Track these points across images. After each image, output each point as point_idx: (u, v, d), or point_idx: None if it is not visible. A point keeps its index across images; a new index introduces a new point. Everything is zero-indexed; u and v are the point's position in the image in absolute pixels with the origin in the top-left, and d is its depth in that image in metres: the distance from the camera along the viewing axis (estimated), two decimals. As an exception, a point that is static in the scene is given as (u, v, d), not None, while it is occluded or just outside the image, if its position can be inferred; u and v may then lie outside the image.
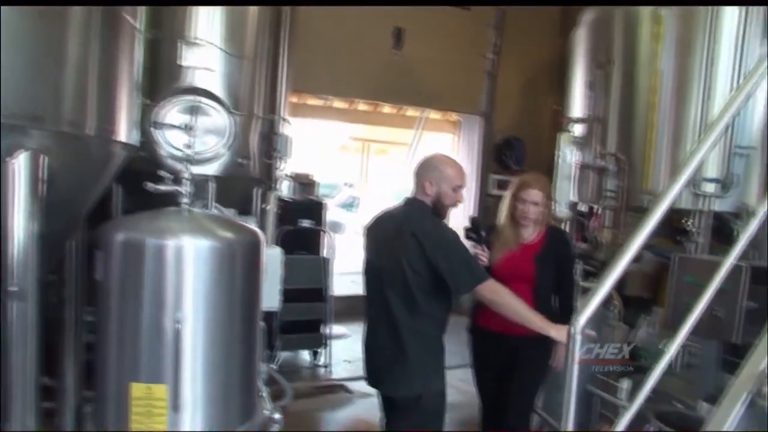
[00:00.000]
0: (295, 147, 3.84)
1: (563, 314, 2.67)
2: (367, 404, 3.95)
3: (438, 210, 2.29)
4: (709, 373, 2.37)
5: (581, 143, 3.75)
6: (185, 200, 1.88)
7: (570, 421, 1.41)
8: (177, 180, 1.87)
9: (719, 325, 2.24)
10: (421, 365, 2.22)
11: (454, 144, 9.77)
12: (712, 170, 3.00)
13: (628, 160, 3.31)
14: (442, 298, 2.24)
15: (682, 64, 3.13)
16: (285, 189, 4.69)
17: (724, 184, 2.97)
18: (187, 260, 1.72)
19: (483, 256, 2.46)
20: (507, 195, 2.72)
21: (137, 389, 1.65)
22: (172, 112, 2.88)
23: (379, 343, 2.32)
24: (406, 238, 2.16)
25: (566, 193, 3.77)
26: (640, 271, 3.63)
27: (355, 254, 8.45)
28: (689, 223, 3.17)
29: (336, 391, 4.13)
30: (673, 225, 3.60)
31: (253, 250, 1.89)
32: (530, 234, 2.69)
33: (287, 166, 4.07)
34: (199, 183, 2.42)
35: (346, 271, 7.67)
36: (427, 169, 2.30)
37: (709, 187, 2.99)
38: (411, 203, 2.32)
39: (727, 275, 2.29)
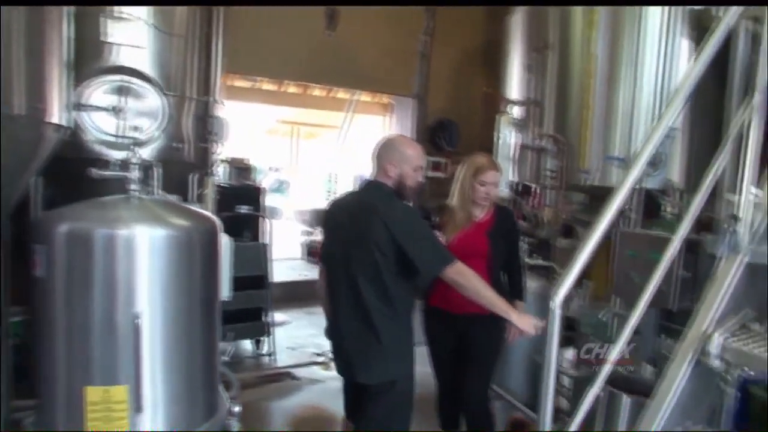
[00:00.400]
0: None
1: (513, 287, 2.76)
2: (316, 390, 3.92)
3: (401, 192, 2.27)
4: (649, 338, 2.54)
5: (520, 125, 3.86)
6: (134, 187, 1.73)
7: (548, 418, 1.45)
8: (124, 165, 1.72)
9: (658, 294, 2.39)
10: (394, 350, 2.21)
11: (385, 127, 9.81)
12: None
13: (566, 140, 3.44)
14: (409, 280, 2.24)
15: (613, 49, 3.28)
16: (221, 174, 4.49)
17: (653, 163, 3.16)
18: (141, 251, 1.60)
19: (440, 237, 2.48)
20: (462, 177, 2.73)
21: (93, 393, 1.52)
22: (97, 93, 2.65)
23: (349, 331, 2.28)
24: (373, 222, 2.12)
25: (506, 173, 3.87)
26: (572, 246, 3.82)
27: (290, 240, 8.34)
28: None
29: (282, 379, 4.05)
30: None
31: (210, 239, 1.78)
32: (481, 212, 2.74)
33: (223, 151, 3.89)
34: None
35: (282, 257, 7.55)
36: (388, 151, 2.27)
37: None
38: (373, 186, 2.29)
39: (663, 247, 2.46)
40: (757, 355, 1.58)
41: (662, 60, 3.20)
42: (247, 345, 4.65)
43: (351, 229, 2.22)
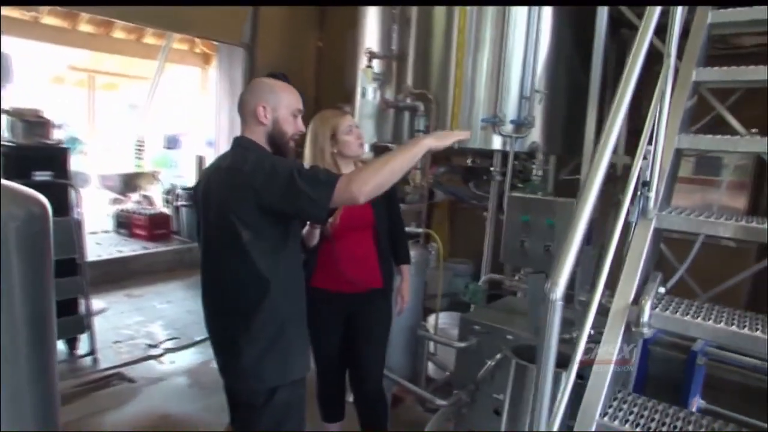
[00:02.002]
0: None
1: (399, 252, 2.52)
2: (158, 392, 3.28)
3: (278, 145, 1.81)
4: (538, 305, 2.53)
5: (382, 80, 3.58)
6: None
7: (544, 415, 1.24)
8: None
9: (551, 259, 2.37)
10: (272, 349, 1.76)
11: (205, 80, 8.78)
12: (511, 113, 3.16)
13: (436, 99, 3.28)
14: (290, 259, 1.82)
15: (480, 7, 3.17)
16: (4, 129, 3.42)
17: (521, 125, 3.16)
18: None
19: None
20: (315, 140, 2.34)
21: None
22: None
23: (218, 326, 1.82)
24: (236, 188, 1.67)
25: (368, 132, 3.58)
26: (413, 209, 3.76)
27: (94, 209, 7.03)
28: (491, 162, 3.34)
29: (112, 383, 3.31)
30: (464, 165, 3.79)
31: (41, 226, 1.17)
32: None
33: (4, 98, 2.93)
34: None
35: (91, 230, 6.34)
36: (258, 92, 1.77)
37: (509, 129, 3.15)
38: (239, 144, 1.80)
39: (558, 211, 2.44)
40: (698, 323, 1.58)
41: (531, 21, 3.17)
42: (59, 346, 3.73)
43: (213, 202, 1.74)
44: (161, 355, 3.78)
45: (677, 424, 1.54)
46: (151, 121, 9.50)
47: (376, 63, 3.58)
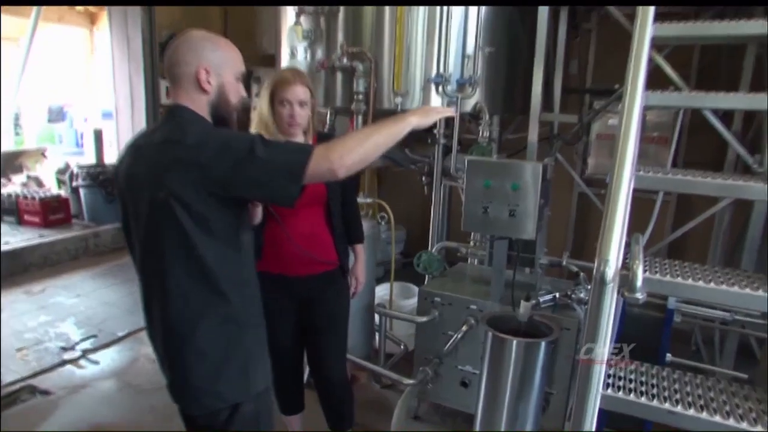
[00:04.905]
0: None
1: (353, 230, 2.32)
2: (82, 401, 2.88)
3: (224, 114, 1.50)
4: (502, 272, 2.45)
5: (311, 39, 3.27)
6: None
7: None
8: None
9: (515, 223, 2.28)
10: (230, 359, 1.48)
11: (91, 42, 7.83)
12: (456, 74, 3.01)
13: (375, 59, 3.04)
14: (243, 251, 1.54)
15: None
16: None
17: (466, 85, 3.01)
18: None
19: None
20: (259, 100, 2.07)
21: None
22: None
23: (161, 333, 1.49)
24: (173, 165, 1.35)
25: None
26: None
27: None
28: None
29: (23, 398, 2.81)
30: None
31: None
32: None
33: None
34: None
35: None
36: (199, 50, 1.43)
37: (453, 89, 3.00)
38: (175, 114, 1.45)
39: (524, 174, 2.33)
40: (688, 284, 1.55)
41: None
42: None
43: (143, 187, 1.41)
44: (79, 358, 3.34)
45: (654, 382, 1.55)
46: (28, 91, 8.36)
47: (303, 20, 3.25)
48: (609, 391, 1.49)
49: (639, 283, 1.62)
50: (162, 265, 1.42)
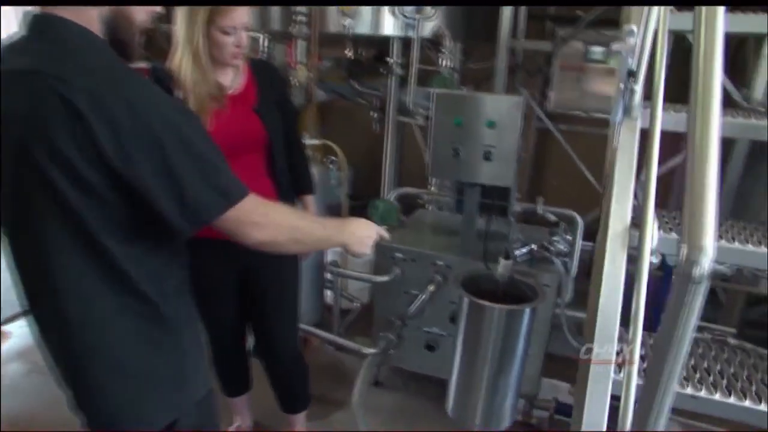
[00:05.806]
0: None
1: (299, 177, 1.93)
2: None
3: (120, 39, 1.03)
4: (473, 222, 2.15)
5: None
6: None
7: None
8: None
9: (490, 167, 1.97)
10: (157, 373, 1.12)
11: None
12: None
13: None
14: (161, 235, 1.12)
15: None
16: None
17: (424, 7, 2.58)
18: None
19: None
20: (187, 26, 1.58)
21: None
22: None
23: (64, 350, 1.10)
24: (53, 116, 0.90)
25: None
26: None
27: None
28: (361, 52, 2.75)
29: None
30: (345, 57, 3.15)
31: None
32: (234, 78, 1.71)
33: None
34: None
35: None
36: None
37: (412, 10, 2.57)
38: (46, 27, 0.97)
39: (500, 109, 1.99)
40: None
41: None
42: None
43: (7, 140, 0.96)
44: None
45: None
46: None
47: None
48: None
49: (654, 243, 1.35)
50: (46, 257, 1.00)
